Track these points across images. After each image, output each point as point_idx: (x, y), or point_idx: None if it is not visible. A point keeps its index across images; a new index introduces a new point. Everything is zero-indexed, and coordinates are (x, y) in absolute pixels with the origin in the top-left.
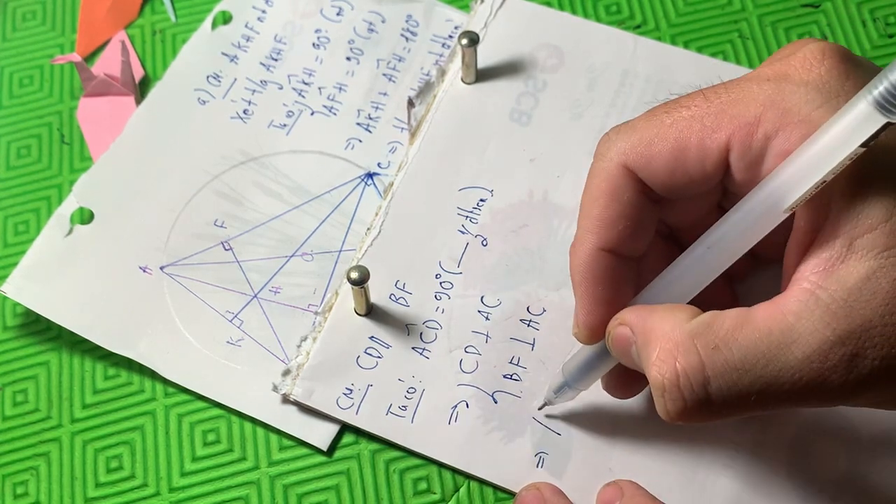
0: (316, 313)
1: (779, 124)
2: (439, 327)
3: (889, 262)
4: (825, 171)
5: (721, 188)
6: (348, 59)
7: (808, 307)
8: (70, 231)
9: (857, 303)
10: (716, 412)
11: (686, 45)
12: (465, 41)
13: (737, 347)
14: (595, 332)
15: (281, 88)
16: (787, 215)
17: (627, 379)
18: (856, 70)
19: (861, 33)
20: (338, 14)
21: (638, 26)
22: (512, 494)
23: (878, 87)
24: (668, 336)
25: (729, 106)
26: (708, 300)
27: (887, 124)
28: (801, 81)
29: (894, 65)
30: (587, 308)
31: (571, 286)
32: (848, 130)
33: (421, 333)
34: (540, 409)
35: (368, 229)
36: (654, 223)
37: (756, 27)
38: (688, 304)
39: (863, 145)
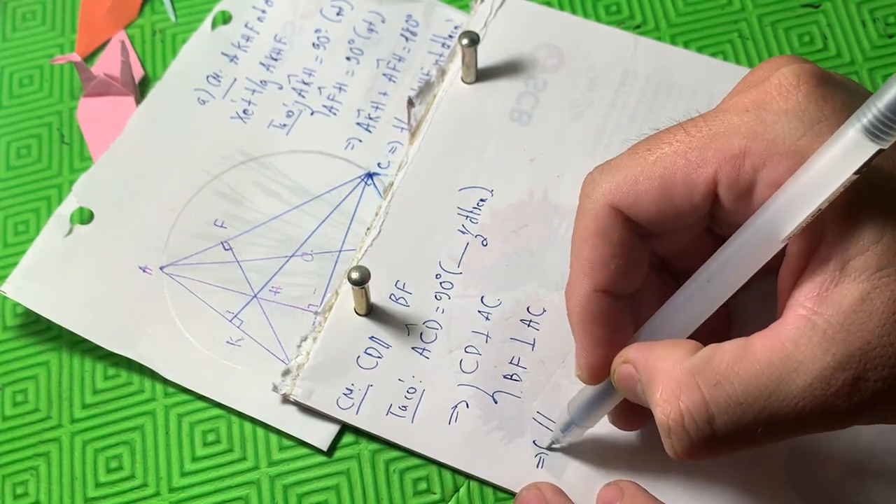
0: (316, 313)
1: (765, 156)
2: (439, 327)
3: (882, 283)
4: (821, 200)
5: (709, 215)
6: (348, 59)
7: (805, 334)
8: (70, 231)
9: (853, 326)
10: (723, 447)
11: (686, 45)
12: (465, 41)
13: (738, 381)
14: (598, 372)
15: (281, 88)
16: (784, 244)
17: (634, 413)
18: (833, 92)
19: (861, 33)
20: (338, 14)
21: (638, 26)
22: (512, 494)
23: (867, 115)
24: (670, 375)
25: (712, 140)
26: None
27: (879, 151)
28: (781, 110)
29: (881, 92)
30: (588, 350)
31: (570, 327)
32: (840, 159)
33: (421, 333)
34: (548, 448)
35: (368, 229)
36: (647, 259)
37: (756, 27)
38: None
39: (856, 173)
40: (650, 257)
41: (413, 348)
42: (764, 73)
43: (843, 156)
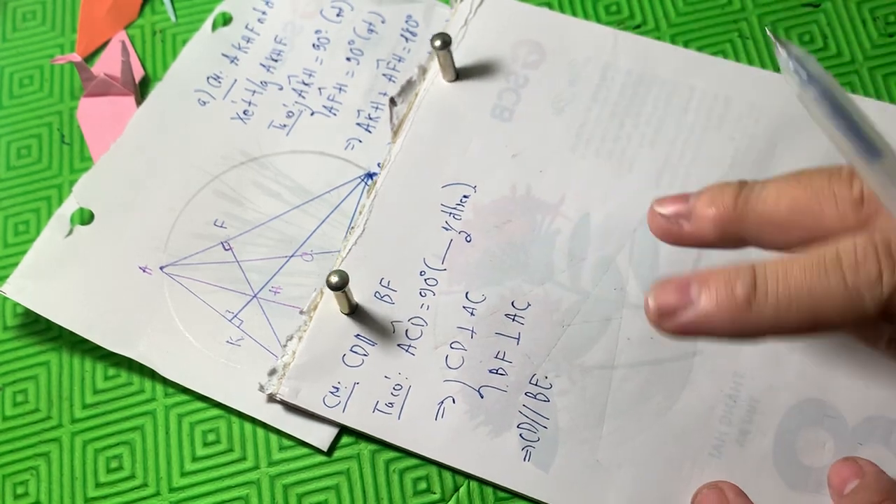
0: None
1: None
2: (424, 324)
3: None
4: None
5: None
6: (348, 59)
7: None
8: (70, 231)
9: None
10: None
11: (686, 45)
12: (437, 43)
13: None
14: None
15: (281, 89)
16: None
17: None
18: None
19: (861, 33)
20: (338, 15)
21: (638, 26)
22: (511, 493)
23: None
24: None
25: None
26: None
27: None
28: None
29: None
30: None
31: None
32: None
33: (406, 330)
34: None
35: (353, 228)
36: None
37: (756, 27)
38: None
39: None
40: None
41: (398, 345)
42: None
43: None
